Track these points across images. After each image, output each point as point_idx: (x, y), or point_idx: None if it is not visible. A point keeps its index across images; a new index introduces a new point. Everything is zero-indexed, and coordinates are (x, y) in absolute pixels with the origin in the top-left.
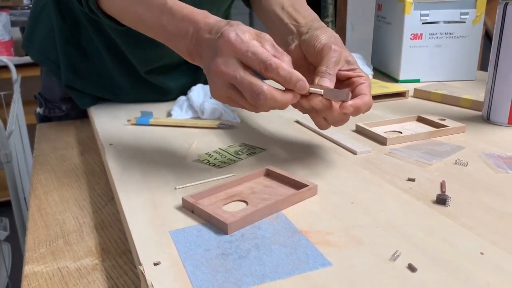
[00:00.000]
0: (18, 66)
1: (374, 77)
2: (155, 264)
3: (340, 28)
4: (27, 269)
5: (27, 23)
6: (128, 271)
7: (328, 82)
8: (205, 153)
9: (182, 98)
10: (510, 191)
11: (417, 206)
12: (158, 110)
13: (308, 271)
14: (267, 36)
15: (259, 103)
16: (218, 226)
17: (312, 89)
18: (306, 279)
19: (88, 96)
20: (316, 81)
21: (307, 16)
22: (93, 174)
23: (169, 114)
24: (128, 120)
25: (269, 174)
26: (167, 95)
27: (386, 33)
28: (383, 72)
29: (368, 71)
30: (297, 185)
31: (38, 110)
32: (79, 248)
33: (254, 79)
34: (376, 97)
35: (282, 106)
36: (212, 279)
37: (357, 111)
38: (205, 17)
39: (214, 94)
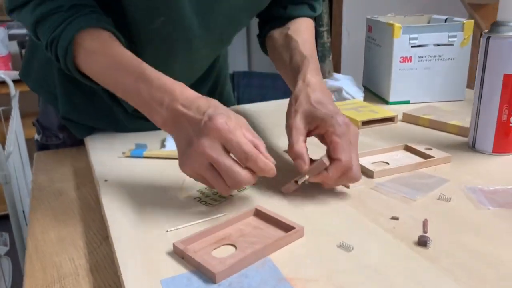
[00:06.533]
0: (16, 81)
1: (365, 99)
2: None
3: (335, 35)
4: None
5: (25, 52)
6: None
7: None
8: (197, 191)
9: None
10: (488, 230)
11: (399, 248)
12: (153, 138)
13: None
14: (243, 121)
15: (236, 186)
16: (206, 275)
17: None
18: None
19: (85, 127)
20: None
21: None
22: (89, 209)
23: (163, 145)
24: (123, 153)
25: (258, 213)
26: None
27: (376, 55)
28: (374, 92)
29: (359, 93)
30: (285, 227)
31: (36, 137)
32: None
33: (235, 166)
34: (365, 123)
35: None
36: None
37: (341, 180)
38: (183, 90)
39: (187, 168)
